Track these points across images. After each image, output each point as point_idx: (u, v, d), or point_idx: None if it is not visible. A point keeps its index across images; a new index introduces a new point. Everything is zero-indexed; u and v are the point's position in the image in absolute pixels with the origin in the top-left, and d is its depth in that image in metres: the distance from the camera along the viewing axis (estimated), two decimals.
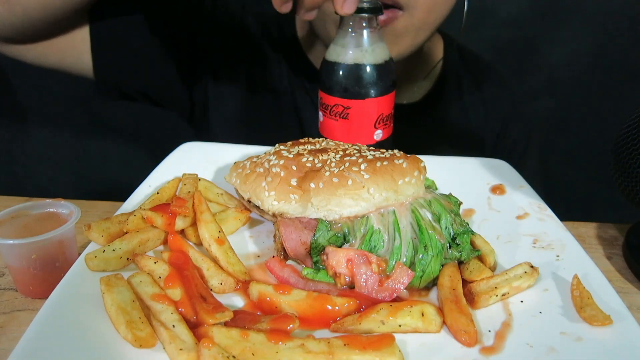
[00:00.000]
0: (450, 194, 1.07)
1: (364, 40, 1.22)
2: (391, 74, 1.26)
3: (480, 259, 0.97)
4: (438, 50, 1.80)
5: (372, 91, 1.22)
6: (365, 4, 1.18)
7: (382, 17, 1.35)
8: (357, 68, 1.22)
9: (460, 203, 1.07)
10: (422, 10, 1.42)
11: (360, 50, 1.22)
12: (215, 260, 0.94)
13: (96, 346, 0.75)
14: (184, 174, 1.16)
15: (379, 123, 1.27)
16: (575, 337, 0.79)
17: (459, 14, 1.52)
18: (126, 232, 0.97)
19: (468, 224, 1.03)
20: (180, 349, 0.72)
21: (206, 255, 0.95)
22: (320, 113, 1.29)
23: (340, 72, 1.22)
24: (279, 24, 1.73)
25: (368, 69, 1.22)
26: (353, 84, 1.22)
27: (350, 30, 1.22)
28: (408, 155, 1.05)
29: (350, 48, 1.22)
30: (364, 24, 1.21)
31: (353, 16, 1.19)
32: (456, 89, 1.79)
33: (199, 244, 0.99)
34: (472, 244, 0.99)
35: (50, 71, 2.31)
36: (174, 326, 0.76)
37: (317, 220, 0.94)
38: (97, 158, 2.48)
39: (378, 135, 1.28)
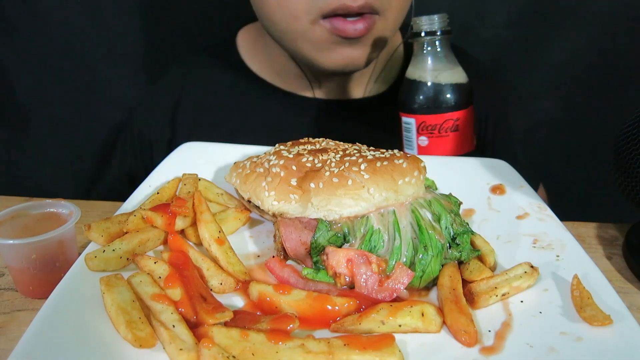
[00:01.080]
0: (450, 194, 1.07)
1: (448, 57, 1.34)
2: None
3: (480, 259, 0.97)
4: (396, 37, 1.80)
5: (470, 99, 1.32)
6: (437, 23, 1.30)
7: (360, 27, 1.38)
8: (455, 84, 1.32)
9: (460, 203, 1.07)
10: (395, 11, 1.45)
11: (448, 67, 1.33)
12: (215, 260, 0.94)
13: (96, 346, 0.75)
14: (184, 174, 1.16)
15: (475, 128, 1.36)
16: (575, 337, 0.79)
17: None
18: (126, 232, 0.97)
19: (468, 224, 1.03)
20: (180, 349, 0.72)
21: (206, 255, 0.95)
22: (424, 137, 1.31)
23: (444, 90, 1.31)
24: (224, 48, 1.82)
25: (463, 80, 1.32)
26: (458, 97, 1.30)
27: (430, 49, 1.34)
28: (408, 155, 1.05)
29: (440, 67, 1.33)
30: (438, 43, 1.33)
31: (432, 37, 1.31)
32: None
33: (199, 244, 0.99)
34: (472, 244, 0.99)
35: (50, 71, 2.32)
36: (174, 326, 0.76)
37: (317, 220, 0.94)
38: (97, 158, 2.48)
39: (474, 140, 1.35)
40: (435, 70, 1.32)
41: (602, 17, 2.33)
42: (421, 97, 1.31)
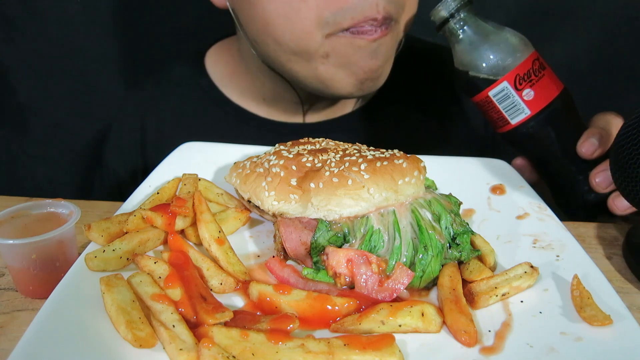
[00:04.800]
0: (450, 194, 1.07)
1: (484, 21, 1.26)
2: None
3: (480, 259, 0.97)
4: None
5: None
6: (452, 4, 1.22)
7: (379, 30, 1.31)
8: (511, 32, 1.25)
9: (460, 203, 1.07)
10: (407, 17, 1.39)
11: (493, 25, 1.26)
12: (215, 260, 0.94)
13: (96, 346, 0.75)
14: (184, 174, 1.16)
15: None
16: (575, 337, 0.79)
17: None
18: (126, 232, 0.97)
19: (468, 224, 1.03)
20: (180, 349, 0.72)
21: (206, 255, 0.95)
22: (527, 89, 1.20)
23: (510, 37, 1.24)
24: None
25: (511, 31, 1.26)
26: (523, 37, 1.25)
27: (469, 21, 1.24)
28: (408, 156, 1.05)
29: (488, 26, 1.25)
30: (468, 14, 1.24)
31: (461, 12, 1.23)
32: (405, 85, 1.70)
33: (199, 244, 0.99)
34: (472, 244, 0.99)
35: (50, 71, 2.32)
36: (174, 326, 0.76)
37: (317, 220, 0.94)
38: (96, 158, 2.49)
39: None
40: (490, 29, 1.25)
41: (603, 17, 2.33)
42: (500, 55, 1.21)
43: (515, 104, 1.22)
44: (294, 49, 1.34)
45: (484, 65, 1.22)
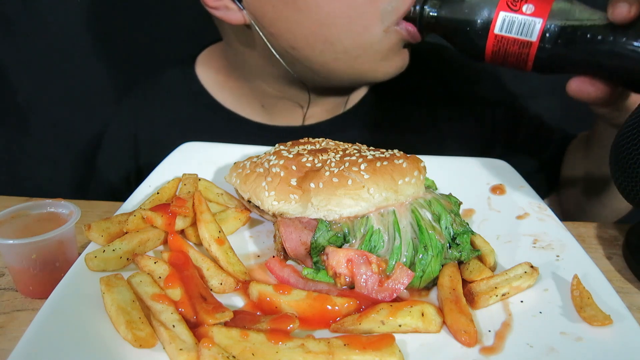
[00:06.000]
0: (450, 194, 1.07)
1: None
2: None
3: (480, 259, 0.97)
4: None
5: None
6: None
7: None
8: None
9: (460, 203, 1.07)
10: None
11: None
12: (215, 260, 0.94)
13: (96, 346, 0.75)
14: (184, 174, 1.16)
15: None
16: (575, 337, 0.79)
17: None
18: (126, 232, 0.97)
19: (468, 224, 1.03)
20: (180, 349, 0.72)
21: (206, 255, 0.95)
22: (525, 4, 1.19)
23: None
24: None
25: None
26: None
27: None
28: (408, 156, 1.05)
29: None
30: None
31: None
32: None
33: (199, 244, 0.99)
34: (472, 244, 0.99)
35: (50, 71, 2.32)
36: (174, 326, 0.76)
37: (317, 220, 0.94)
38: (92, 163, 2.49)
39: None
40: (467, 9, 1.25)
41: None
42: (483, 2, 1.22)
43: (524, 22, 1.20)
44: (348, 47, 1.35)
45: (477, 20, 1.22)
